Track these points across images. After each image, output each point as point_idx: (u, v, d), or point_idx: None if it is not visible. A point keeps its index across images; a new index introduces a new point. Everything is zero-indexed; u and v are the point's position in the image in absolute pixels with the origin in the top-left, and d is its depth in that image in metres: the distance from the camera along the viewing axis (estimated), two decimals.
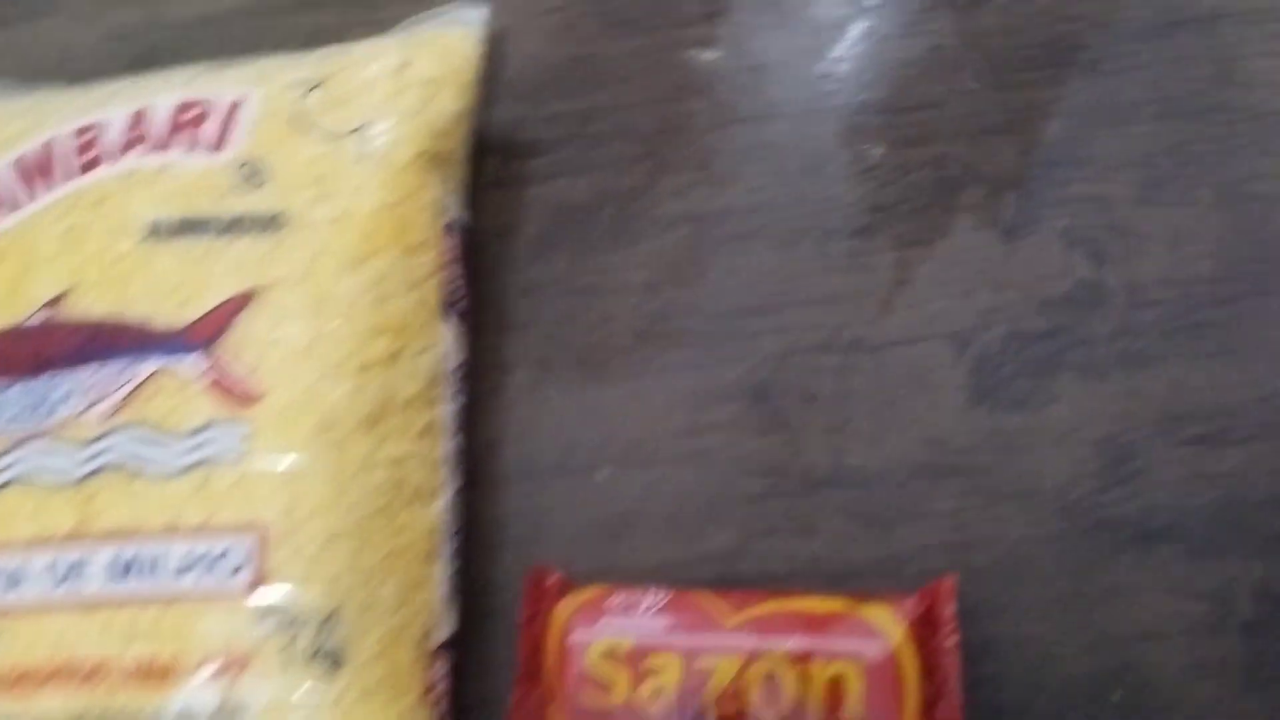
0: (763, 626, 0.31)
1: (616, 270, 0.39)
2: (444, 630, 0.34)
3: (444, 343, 0.36)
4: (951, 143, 0.39)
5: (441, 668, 0.34)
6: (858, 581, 0.34)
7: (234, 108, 0.37)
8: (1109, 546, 0.33)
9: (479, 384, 0.38)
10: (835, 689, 0.30)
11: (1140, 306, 0.36)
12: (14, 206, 0.37)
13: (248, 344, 0.34)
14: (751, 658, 0.30)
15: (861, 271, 0.38)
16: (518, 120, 0.42)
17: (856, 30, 0.41)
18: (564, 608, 0.33)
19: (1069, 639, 0.33)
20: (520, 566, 0.35)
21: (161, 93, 0.38)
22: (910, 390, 0.36)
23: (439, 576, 0.34)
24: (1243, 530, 0.33)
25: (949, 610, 0.30)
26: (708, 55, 0.42)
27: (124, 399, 0.34)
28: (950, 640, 0.30)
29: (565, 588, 0.33)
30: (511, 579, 0.36)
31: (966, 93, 0.39)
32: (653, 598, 0.32)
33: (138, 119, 0.37)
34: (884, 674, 0.29)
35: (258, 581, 0.32)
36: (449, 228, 0.37)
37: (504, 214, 0.41)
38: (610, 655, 0.31)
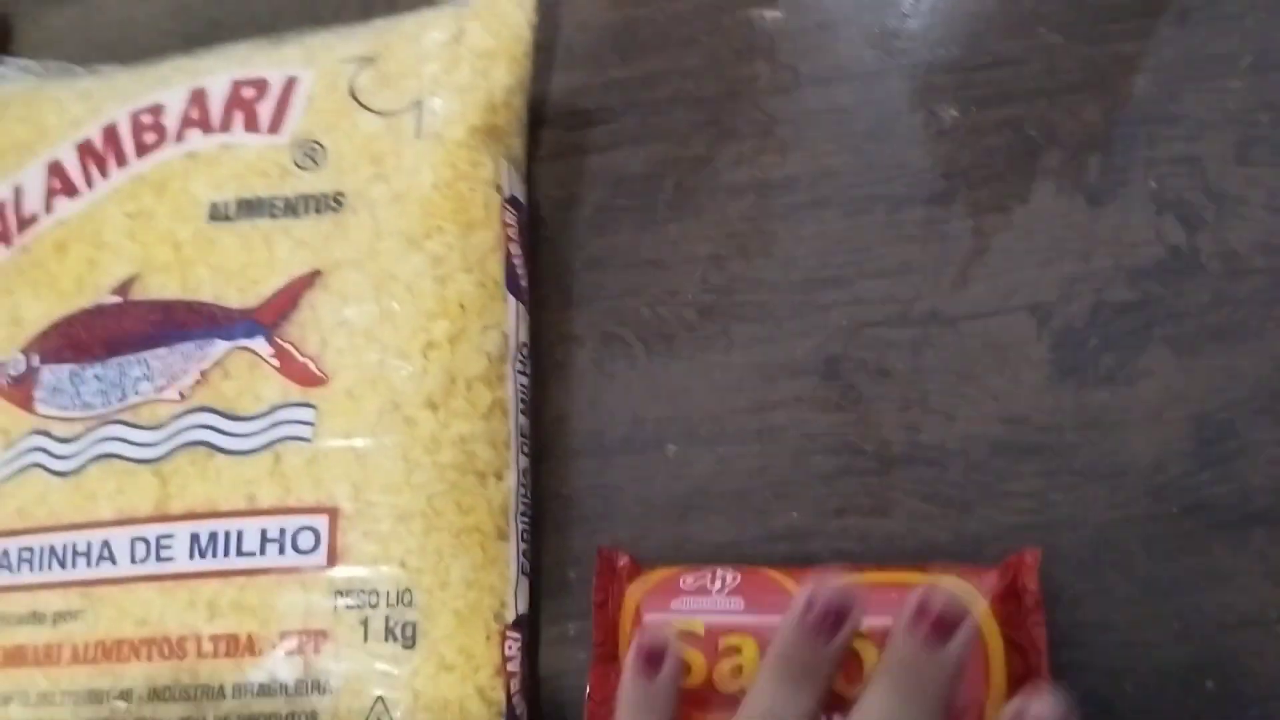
0: None
1: (681, 242, 0.38)
2: (517, 606, 0.35)
3: (507, 321, 0.36)
4: (1030, 102, 0.37)
5: (516, 643, 0.34)
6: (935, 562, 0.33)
7: (289, 86, 0.37)
8: (1203, 530, 0.32)
9: (544, 360, 0.38)
10: None
11: (1237, 275, 0.34)
12: (79, 191, 0.37)
13: (314, 325, 0.34)
14: None
15: (936, 240, 0.36)
16: (574, 89, 0.41)
17: None
18: (635, 589, 0.32)
19: (1159, 626, 0.32)
20: (591, 543, 0.35)
21: (218, 71, 0.38)
22: (989, 365, 0.35)
23: (510, 554, 0.35)
24: None
25: (1033, 584, 0.29)
26: (770, 14, 0.40)
27: (197, 381, 0.34)
28: (1035, 614, 0.29)
29: (636, 570, 0.33)
30: (582, 555, 0.36)
31: (1045, 48, 0.37)
32: (725, 578, 0.31)
33: (196, 99, 0.37)
34: None
35: (332, 559, 0.32)
36: (507, 203, 0.37)
37: (563, 187, 0.40)
38: (685, 637, 0.31)
